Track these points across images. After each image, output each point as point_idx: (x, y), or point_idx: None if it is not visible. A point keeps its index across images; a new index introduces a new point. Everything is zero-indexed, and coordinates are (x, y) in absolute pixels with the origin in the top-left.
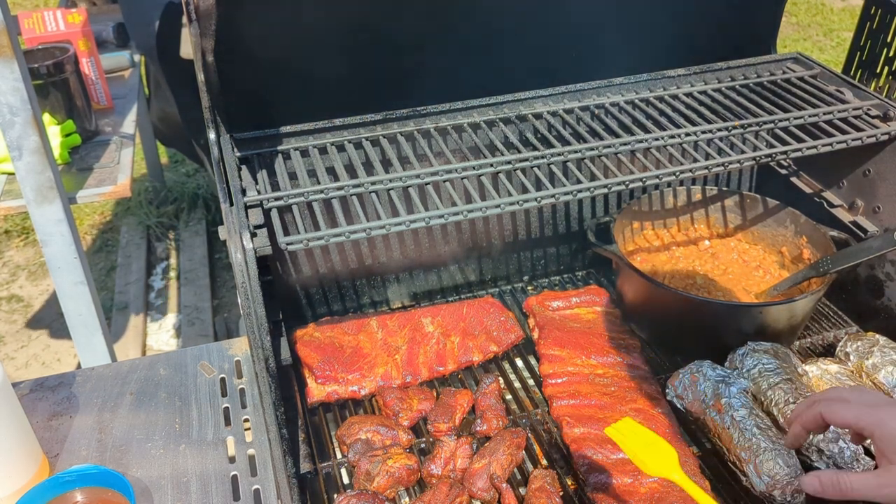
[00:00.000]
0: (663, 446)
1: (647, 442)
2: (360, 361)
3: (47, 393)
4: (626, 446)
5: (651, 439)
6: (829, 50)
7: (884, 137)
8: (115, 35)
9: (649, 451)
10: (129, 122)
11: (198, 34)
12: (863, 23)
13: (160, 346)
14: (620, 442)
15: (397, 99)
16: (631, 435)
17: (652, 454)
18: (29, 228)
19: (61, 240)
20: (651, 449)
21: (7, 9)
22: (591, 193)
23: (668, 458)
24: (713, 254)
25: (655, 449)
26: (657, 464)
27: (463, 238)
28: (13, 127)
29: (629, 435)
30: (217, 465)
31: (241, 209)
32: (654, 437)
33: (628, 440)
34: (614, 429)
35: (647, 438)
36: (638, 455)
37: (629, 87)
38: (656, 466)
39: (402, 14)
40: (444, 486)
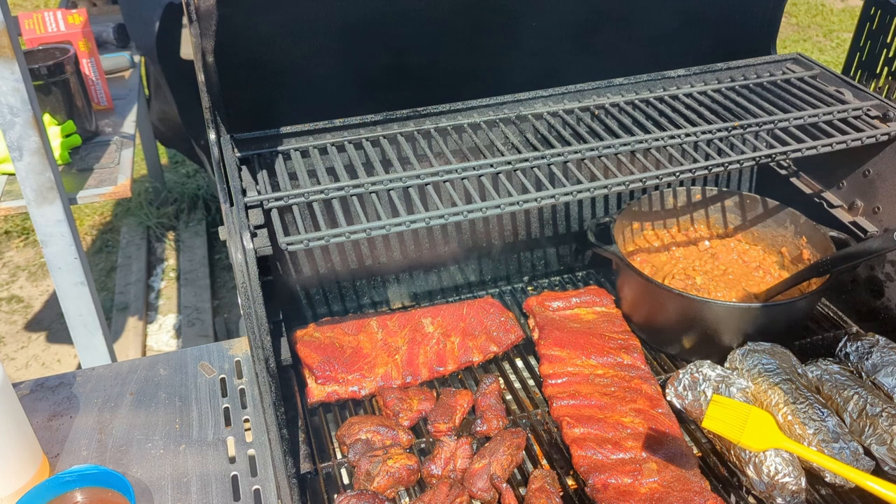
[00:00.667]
0: (758, 417)
1: (743, 418)
2: (360, 362)
3: (47, 393)
4: (727, 434)
5: (744, 413)
6: (829, 51)
7: (883, 138)
8: (115, 36)
9: (749, 429)
10: (129, 123)
11: (198, 34)
12: (862, 23)
13: (160, 347)
14: (721, 431)
15: (397, 99)
16: (726, 416)
17: (753, 431)
18: (29, 229)
19: (61, 240)
20: (750, 425)
21: (7, 9)
22: (591, 194)
23: (769, 427)
24: (713, 254)
25: (753, 423)
26: (762, 438)
27: (463, 238)
28: (13, 127)
29: (725, 418)
30: (217, 466)
31: (242, 209)
32: (745, 409)
33: (726, 425)
34: (710, 418)
35: (740, 414)
36: (742, 440)
37: (629, 87)
38: (763, 441)
39: (403, 14)
40: (444, 487)
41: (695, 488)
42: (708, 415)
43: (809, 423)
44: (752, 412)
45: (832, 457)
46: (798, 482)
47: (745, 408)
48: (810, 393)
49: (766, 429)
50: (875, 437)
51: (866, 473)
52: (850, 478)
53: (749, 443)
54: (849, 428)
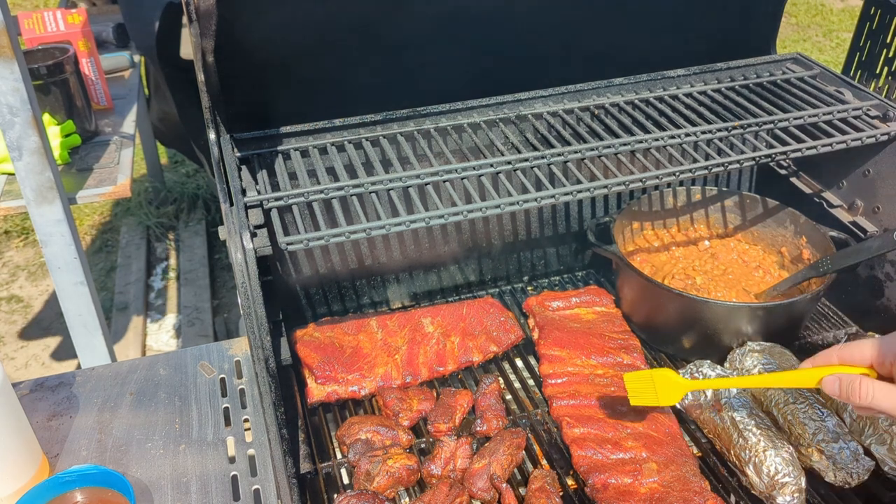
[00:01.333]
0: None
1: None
2: (360, 361)
3: (47, 393)
4: (648, 402)
5: (649, 379)
6: (829, 50)
7: (883, 138)
8: (115, 35)
9: (660, 390)
10: (129, 123)
11: (198, 34)
12: (862, 23)
13: (160, 347)
14: (642, 402)
15: (397, 99)
16: (640, 389)
17: (664, 390)
18: (29, 229)
19: (61, 240)
20: (659, 386)
21: (7, 9)
22: (591, 194)
23: (674, 380)
24: (713, 254)
25: (661, 383)
26: (675, 392)
27: (463, 238)
28: (13, 127)
29: (640, 391)
30: (217, 466)
31: (241, 209)
32: (647, 375)
33: (643, 396)
34: (631, 396)
35: (647, 382)
36: (661, 401)
37: (629, 87)
38: (676, 393)
39: (402, 14)
40: (444, 487)
41: (695, 488)
42: (629, 394)
43: (809, 422)
44: (654, 375)
45: (832, 456)
46: (798, 482)
47: (647, 374)
48: (810, 393)
49: (673, 383)
50: (875, 437)
51: (772, 374)
52: (761, 384)
53: (666, 401)
54: (849, 428)
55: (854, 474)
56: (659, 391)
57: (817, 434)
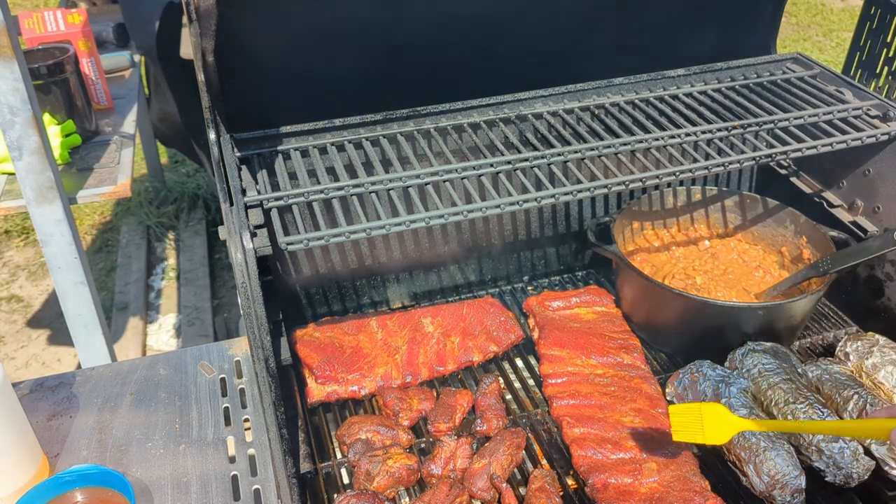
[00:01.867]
0: (711, 412)
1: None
2: (360, 361)
3: (47, 393)
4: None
5: (698, 413)
6: (829, 50)
7: (884, 137)
8: (115, 35)
9: (708, 426)
10: (129, 122)
11: (198, 34)
12: (862, 23)
13: (160, 346)
14: (687, 438)
15: (397, 99)
16: (686, 423)
17: (712, 426)
18: (29, 228)
19: (61, 240)
20: (707, 422)
21: (7, 9)
22: (591, 193)
23: (724, 417)
24: (713, 254)
25: (709, 419)
26: (724, 430)
27: (463, 238)
28: (13, 127)
29: (686, 425)
30: (217, 465)
31: (241, 209)
32: (696, 409)
33: (689, 431)
34: (675, 431)
35: (695, 416)
36: (707, 440)
37: (629, 87)
38: (725, 432)
39: (402, 14)
40: (444, 486)
41: (695, 488)
42: (673, 429)
43: None
44: (703, 409)
45: (832, 456)
46: (798, 482)
47: (696, 408)
48: (810, 393)
49: (723, 419)
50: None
51: (826, 422)
52: (826, 431)
53: (714, 439)
54: None
55: (854, 474)
56: (707, 427)
57: (818, 434)
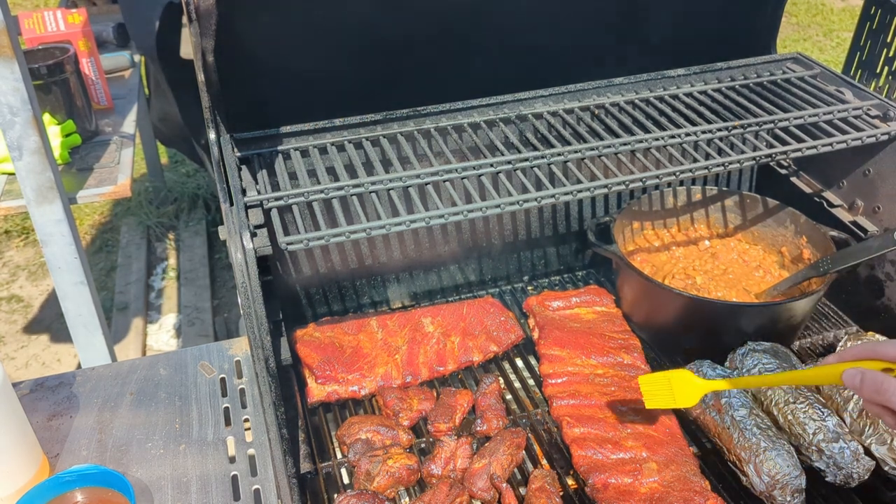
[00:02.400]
0: (679, 378)
1: (668, 386)
2: (361, 361)
3: (47, 393)
4: (665, 404)
5: (666, 380)
6: (829, 50)
7: (884, 137)
8: (115, 35)
9: (677, 392)
10: (129, 122)
11: (198, 34)
12: (863, 23)
13: (160, 346)
14: (659, 405)
15: (397, 99)
16: (656, 391)
17: (681, 392)
18: (29, 228)
19: (61, 240)
20: (676, 388)
21: (7, 9)
22: (591, 193)
23: (690, 381)
24: (713, 254)
25: (678, 385)
26: (692, 393)
27: (463, 238)
28: (13, 127)
29: (656, 393)
30: (217, 465)
31: (242, 209)
32: (665, 377)
33: (660, 398)
34: (647, 399)
35: (664, 384)
36: (678, 404)
37: (629, 87)
38: (693, 395)
39: (403, 14)
40: (444, 486)
41: (695, 488)
42: (645, 398)
43: (809, 422)
44: (671, 376)
45: (832, 456)
46: (798, 482)
47: (663, 375)
48: (810, 392)
49: (690, 384)
50: (875, 437)
51: (783, 373)
52: (782, 382)
53: (684, 402)
54: (849, 428)
55: (854, 474)
56: (676, 393)
57: (818, 434)
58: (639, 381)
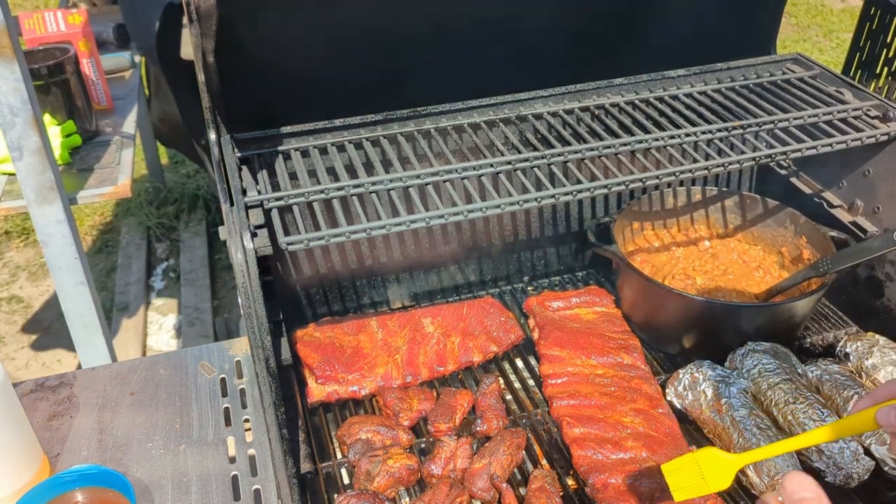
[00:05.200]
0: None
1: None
2: (361, 361)
3: (47, 393)
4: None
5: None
6: (829, 51)
7: (883, 138)
8: (115, 36)
9: (708, 475)
10: (130, 123)
11: (198, 34)
12: (862, 23)
13: (160, 347)
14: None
15: (397, 99)
16: (685, 479)
17: (712, 474)
18: (29, 229)
19: (62, 240)
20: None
21: (7, 9)
22: (591, 194)
23: (720, 459)
24: (713, 254)
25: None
26: (725, 474)
27: (463, 238)
28: (14, 127)
29: (685, 481)
30: (217, 465)
31: (242, 209)
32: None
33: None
34: (675, 490)
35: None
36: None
37: (629, 87)
38: (726, 475)
39: (402, 14)
40: (444, 486)
41: None
42: (672, 489)
43: (809, 423)
44: (699, 458)
45: (832, 457)
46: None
47: (690, 459)
48: (810, 393)
49: (721, 463)
50: (875, 437)
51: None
52: (819, 440)
53: (718, 486)
54: None
55: (854, 474)
56: (707, 476)
57: (814, 445)
58: (662, 469)
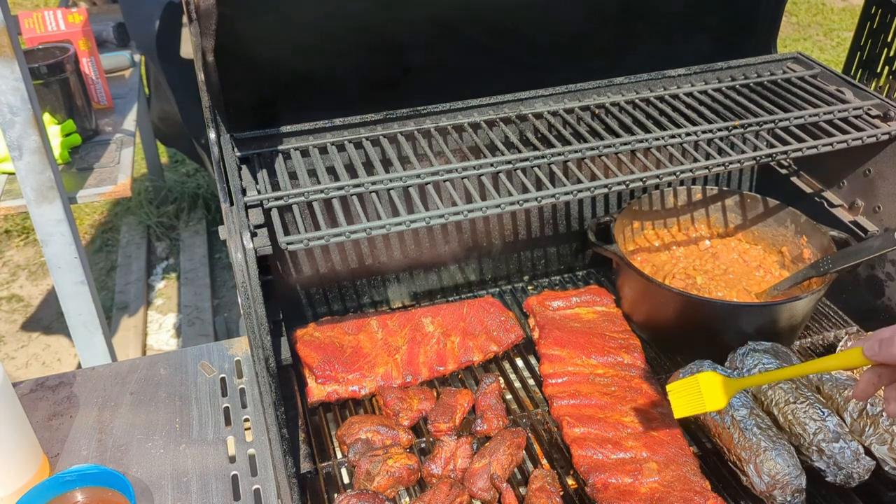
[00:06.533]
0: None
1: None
2: (361, 361)
3: (47, 393)
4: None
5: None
6: (830, 50)
7: (884, 137)
8: (115, 35)
9: (707, 395)
10: (130, 122)
11: (198, 34)
12: (863, 22)
13: (160, 346)
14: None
15: (397, 99)
16: (686, 398)
17: (711, 394)
18: (29, 228)
19: (61, 239)
20: (705, 391)
21: (7, 9)
22: (591, 193)
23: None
24: (713, 254)
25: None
26: (722, 394)
27: (463, 238)
28: (13, 126)
29: (686, 400)
30: (217, 465)
31: (242, 209)
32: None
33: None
34: (676, 408)
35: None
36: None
37: (629, 86)
38: (724, 395)
39: (402, 14)
40: (444, 486)
41: (695, 488)
42: (673, 406)
43: (810, 422)
44: (700, 380)
45: (833, 456)
46: (798, 482)
47: (693, 380)
48: (811, 392)
49: (719, 385)
50: (875, 437)
51: (819, 359)
52: (808, 371)
53: (715, 405)
54: (849, 427)
55: (854, 474)
56: (706, 395)
57: (818, 434)
58: (668, 388)
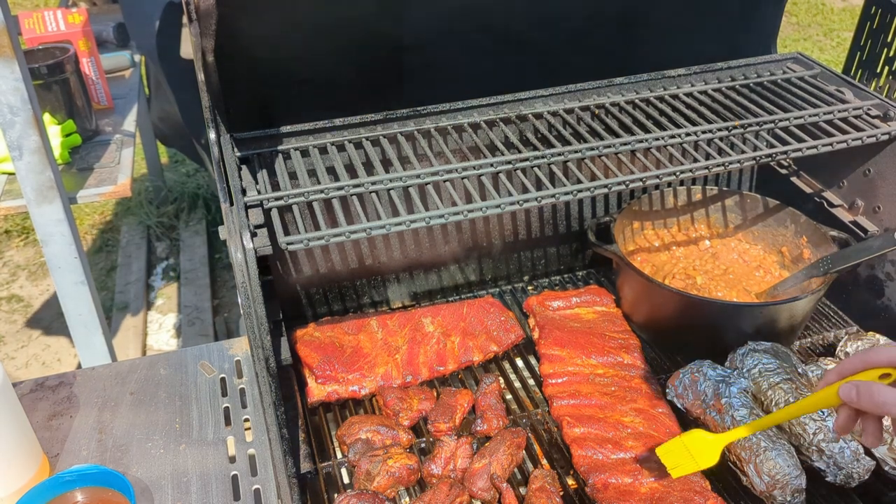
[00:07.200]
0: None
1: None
2: (361, 361)
3: (47, 393)
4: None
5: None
6: (830, 50)
7: (884, 137)
8: (115, 35)
9: (696, 454)
10: (130, 122)
11: (198, 34)
12: (863, 23)
13: (160, 346)
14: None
15: (397, 99)
16: (677, 459)
17: (700, 453)
18: (29, 228)
19: (61, 240)
20: (694, 451)
21: (7, 9)
22: (591, 193)
23: (704, 439)
24: (713, 254)
25: (694, 447)
26: (711, 452)
27: (463, 238)
28: (13, 127)
29: (678, 460)
30: (217, 465)
31: (242, 209)
32: (679, 443)
33: (683, 465)
34: (671, 469)
35: (681, 449)
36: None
37: (629, 86)
38: (712, 453)
39: (403, 14)
40: (444, 486)
41: (695, 488)
42: (668, 468)
43: (810, 422)
44: (685, 440)
45: (833, 456)
46: (798, 482)
47: (677, 442)
48: (811, 392)
49: (706, 443)
50: None
51: (797, 403)
52: (790, 416)
53: (706, 463)
54: None
55: (854, 474)
56: (694, 454)
57: (818, 434)
58: (657, 452)
